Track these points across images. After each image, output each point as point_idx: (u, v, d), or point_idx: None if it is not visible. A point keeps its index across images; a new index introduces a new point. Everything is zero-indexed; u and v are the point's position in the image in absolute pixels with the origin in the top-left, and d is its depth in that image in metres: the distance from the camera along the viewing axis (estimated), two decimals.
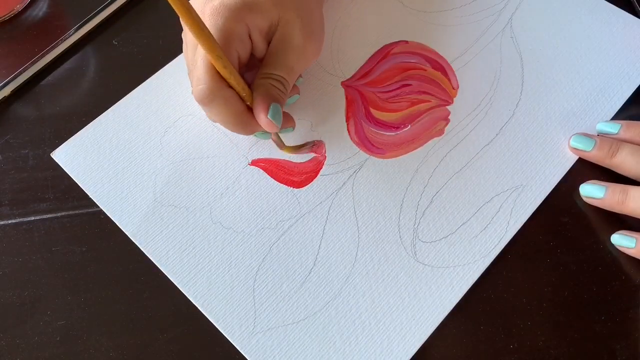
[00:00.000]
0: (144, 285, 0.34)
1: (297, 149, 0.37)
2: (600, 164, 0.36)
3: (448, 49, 0.41)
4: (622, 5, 0.43)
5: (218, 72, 0.30)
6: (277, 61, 0.32)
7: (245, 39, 0.32)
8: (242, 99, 0.32)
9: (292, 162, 0.37)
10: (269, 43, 0.33)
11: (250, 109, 0.32)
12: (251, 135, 0.36)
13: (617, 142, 0.35)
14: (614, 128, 0.37)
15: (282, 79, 0.32)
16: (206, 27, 0.27)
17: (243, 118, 0.32)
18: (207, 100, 0.30)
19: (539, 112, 0.39)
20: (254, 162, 0.37)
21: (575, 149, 0.37)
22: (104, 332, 0.32)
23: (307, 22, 0.33)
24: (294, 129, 0.36)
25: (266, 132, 0.34)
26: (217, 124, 0.38)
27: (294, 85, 0.36)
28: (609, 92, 0.39)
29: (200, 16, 0.29)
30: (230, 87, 0.31)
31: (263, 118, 0.31)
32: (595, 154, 0.36)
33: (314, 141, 0.37)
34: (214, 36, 0.29)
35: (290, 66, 0.32)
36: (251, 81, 0.32)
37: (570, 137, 0.37)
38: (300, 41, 0.32)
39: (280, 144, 0.36)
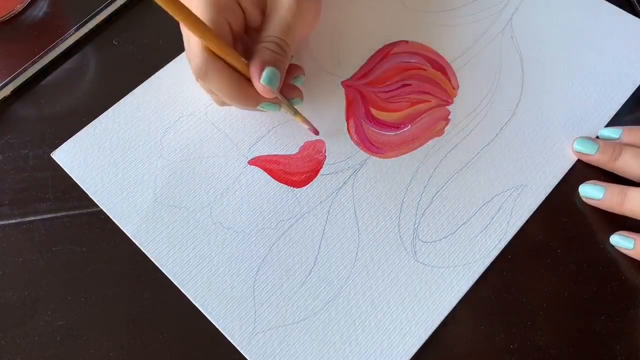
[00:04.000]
0: (144, 285, 0.34)
1: (307, 121, 0.36)
2: (603, 167, 0.36)
3: (448, 49, 0.41)
4: (622, 5, 0.43)
5: (211, 49, 0.30)
6: (272, 23, 0.32)
7: (234, 8, 0.31)
8: (240, 72, 0.31)
9: (292, 162, 0.37)
10: (264, 12, 0.33)
11: (249, 80, 0.32)
12: (260, 112, 0.35)
13: (619, 145, 0.35)
14: (615, 133, 0.37)
15: (278, 39, 0.31)
16: (192, 14, 0.27)
17: (243, 88, 0.31)
18: (203, 72, 0.30)
19: (539, 112, 0.39)
20: (253, 162, 0.37)
21: (578, 152, 0.37)
22: (104, 332, 0.32)
23: None
24: (301, 100, 0.36)
25: (271, 103, 0.33)
26: (218, 124, 0.38)
27: (296, 88, 0.36)
28: (609, 92, 0.39)
29: None
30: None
31: (257, 83, 0.31)
32: (598, 158, 0.36)
33: (315, 130, 0.37)
34: (202, 9, 0.30)
35: (285, 24, 0.32)
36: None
37: (574, 140, 0.37)
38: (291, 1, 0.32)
39: (293, 111, 0.35)
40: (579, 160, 0.37)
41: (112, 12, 0.43)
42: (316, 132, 0.37)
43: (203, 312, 0.33)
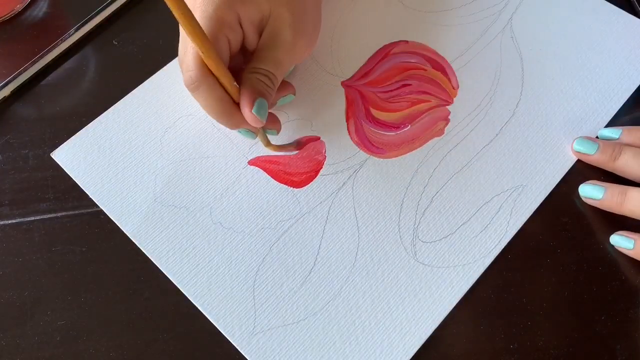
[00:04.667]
0: (144, 285, 0.34)
1: (282, 147, 0.36)
2: (603, 167, 0.36)
3: (448, 49, 0.41)
4: (622, 5, 0.43)
5: (206, 65, 0.30)
6: (266, 56, 0.32)
7: (235, 27, 0.32)
8: (228, 93, 0.32)
9: (292, 162, 0.37)
10: (260, 36, 0.33)
11: (235, 103, 0.32)
12: (237, 133, 0.36)
13: (619, 145, 0.35)
14: (615, 133, 0.37)
15: (270, 73, 0.32)
16: (195, 21, 0.27)
17: (228, 108, 0.32)
18: (194, 86, 0.31)
19: (539, 112, 0.39)
20: (253, 162, 0.37)
21: (578, 152, 0.37)
22: (104, 332, 0.32)
23: (298, 18, 0.33)
24: (278, 132, 0.36)
25: (250, 131, 0.34)
26: (218, 124, 0.38)
27: (290, 85, 0.36)
28: (609, 92, 0.39)
29: (192, 5, 0.29)
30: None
31: (248, 112, 0.31)
32: (598, 158, 0.36)
33: (295, 141, 0.37)
34: (205, 23, 0.30)
35: (278, 61, 0.32)
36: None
37: (573, 141, 0.37)
38: (289, 37, 0.32)
39: (266, 142, 0.35)
40: (579, 160, 0.37)
41: (112, 12, 0.43)
42: (295, 148, 0.37)
43: (203, 312, 0.33)
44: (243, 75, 0.32)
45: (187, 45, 0.31)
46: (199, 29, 0.28)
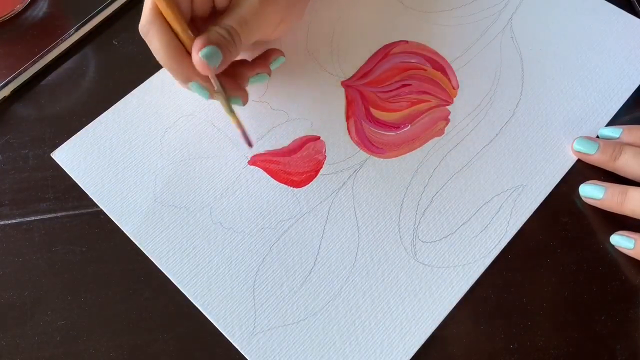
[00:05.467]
0: (144, 285, 0.34)
1: (240, 126, 0.34)
2: (603, 167, 0.36)
3: (448, 49, 0.41)
4: (622, 5, 0.43)
5: (159, 9, 0.31)
6: (230, 14, 0.32)
7: None
8: (181, 41, 0.31)
9: (292, 161, 0.37)
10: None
11: (189, 54, 0.31)
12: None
13: (619, 145, 0.35)
14: (615, 132, 0.37)
15: (230, 27, 0.31)
16: None
17: (177, 55, 0.31)
18: (144, 31, 0.31)
19: (539, 112, 0.39)
20: (253, 162, 0.37)
21: (578, 152, 0.37)
22: (104, 332, 0.32)
23: None
24: (243, 103, 0.35)
25: (204, 87, 0.33)
26: (218, 124, 0.38)
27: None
28: (609, 92, 0.39)
29: None
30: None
31: (195, 55, 0.30)
32: (598, 157, 0.36)
33: (248, 141, 0.35)
34: None
35: (242, 18, 0.32)
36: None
37: (573, 140, 0.37)
38: (256, 1, 0.32)
39: (227, 107, 0.34)
40: (579, 160, 0.37)
41: (112, 12, 0.43)
42: (249, 143, 0.35)
43: (203, 312, 0.33)
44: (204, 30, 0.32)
45: None
46: None
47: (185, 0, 0.31)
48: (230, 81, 0.34)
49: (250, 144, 0.35)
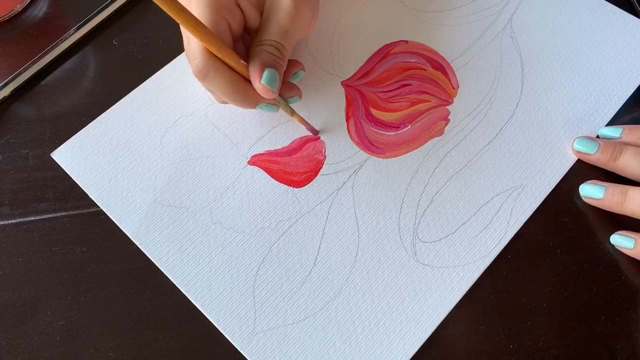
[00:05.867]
0: (144, 285, 0.34)
1: (305, 122, 0.37)
2: (604, 167, 0.36)
3: (448, 49, 0.41)
4: (622, 5, 0.43)
5: (211, 51, 0.31)
6: (270, 26, 0.32)
7: (233, 9, 0.32)
8: (238, 72, 0.32)
9: (292, 161, 0.37)
10: (262, 13, 0.33)
11: (248, 81, 0.32)
12: (260, 112, 0.36)
13: (620, 145, 0.35)
14: (615, 132, 0.37)
15: (276, 43, 0.32)
16: (189, 13, 0.28)
17: (241, 87, 0.32)
18: (202, 74, 0.31)
19: (539, 112, 0.39)
20: (253, 162, 0.37)
21: (578, 152, 0.37)
22: (104, 332, 0.32)
23: None
24: (300, 98, 0.36)
25: (270, 104, 0.34)
26: (218, 124, 0.38)
27: (295, 87, 0.36)
28: (609, 92, 0.39)
29: None
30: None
31: (258, 84, 0.31)
32: (599, 157, 0.36)
33: (314, 130, 0.38)
34: (202, 10, 0.30)
35: (283, 29, 0.32)
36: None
37: (574, 140, 0.37)
38: (290, 4, 0.32)
39: (290, 111, 0.36)
40: (579, 160, 0.37)
41: (112, 12, 0.43)
42: (315, 132, 0.37)
43: (203, 312, 0.33)
44: (250, 50, 0.32)
45: (189, 35, 0.31)
46: (194, 20, 0.28)
47: (225, 32, 0.32)
48: (283, 84, 0.34)
49: (316, 133, 0.37)
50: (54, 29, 0.42)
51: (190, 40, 0.31)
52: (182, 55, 0.41)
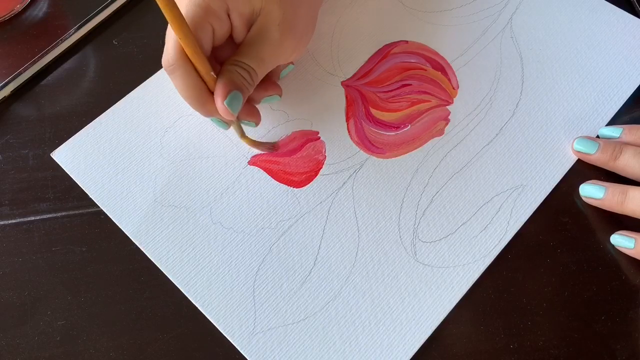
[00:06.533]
0: (144, 285, 0.34)
1: (256, 144, 0.36)
2: (604, 167, 0.36)
3: (448, 49, 0.41)
4: (622, 5, 0.43)
5: (183, 49, 0.30)
6: (249, 50, 0.32)
7: (222, 17, 0.31)
8: (204, 80, 0.32)
9: (292, 161, 0.37)
10: (249, 30, 0.33)
11: (211, 92, 0.32)
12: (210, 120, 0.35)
13: (620, 144, 0.35)
14: (615, 132, 0.37)
15: (250, 69, 0.32)
16: (174, 5, 0.27)
17: (201, 96, 0.32)
18: (170, 69, 0.31)
19: (539, 112, 0.39)
20: (253, 162, 0.37)
21: (578, 152, 0.37)
22: (104, 332, 0.32)
23: (289, 18, 0.32)
24: (256, 125, 0.36)
25: (223, 121, 0.34)
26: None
27: (276, 86, 0.36)
28: (609, 92, 0.39)
29: None
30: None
31: (220, 103, 0.31)
32: (599, 157, 0.36)
33: (275, 142, 0.37)
34: (190, 9, 0.30)
35: (260, 58, 0.32)
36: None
37: (574, 140, 0.37)
38: (276, 36, 0.32)
39: (240, 132, 0.35)
40: (579, 160, 0.37)
41: (112, 12, 0.43)
42: (275, 149, 0.37)
43: (203, 312, 0.33)
44: (223, 66, 0.32)
45: (170, 29, 0.31)
46: (176, 13, 0.28)
47: (207, 37, 0.31)
48: (244, 107, 0.34)
49: (276, 149, 0.37)
50: (54, 29, 0.42)
51: (171, 33, 0.31)
52: None
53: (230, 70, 0.31)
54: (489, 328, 0.32)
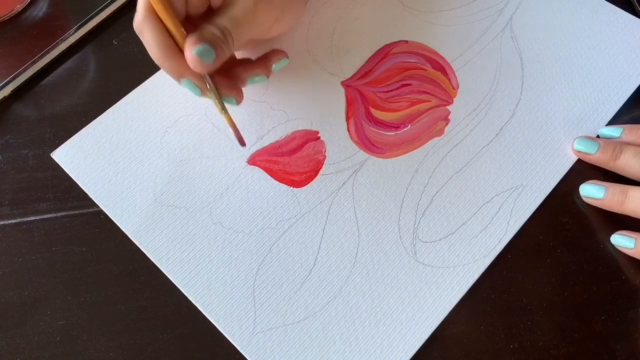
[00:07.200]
0: (144, 285, 0.34)
1: (233, 125, 0.35)
2: (604, 167, 0.36)
3: (448, 49, 0.41)
4: (622, 5, 0.43)
5: (152, 7, 0.31)
6: (224, 12, 0.32)
7: None
8: (175, 40, 0.31)
9: (292, 161, 0.37)
10: None
11: (182, 51, 0.31)
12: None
13: (620, 144, 0.35)
14: (615, 132, 0.37)
15: (224, 27, 0.31)
16: None
17: (170, 52, 0.31)
18: (138, 28, 0.31)
19: (539, 112, 0.39)
20: (253, 162, 0.37)
21: (578, 151, 0.37)
22: (104, 332, 0.32)
23: None
24: (237, 103, 0.35)
25: (196, 85, 0.33)
26: (218, 124, 0.38)
27: (264, 65, 0.35)
28: (609, 92, 0.39)
29: None
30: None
31: (188, 53, 0.30)
32: (599, 157, 0.36)
33: (244, 142, 0.36)
34: None
35: (235, 19, 0.32)
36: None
37: (574, 140, 0.37)
38: (249, 1, 0.32)
39: (220, 106, 0.34)
40: (579, 160, 0.37)
41: (112, 12, 0.43)
42: (242, 142, 0.36)
43: (203, 312, 0.33)
44: (198, 27, 0.32)
45: None
46: None
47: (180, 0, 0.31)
48: (226, 80, 0.34)
49: (243, 144, 0.36)
50: (54, 29, 0.42)
51: None
52: None
53: (203, 26, 0.31)
54: (489, 328, 0.32)
